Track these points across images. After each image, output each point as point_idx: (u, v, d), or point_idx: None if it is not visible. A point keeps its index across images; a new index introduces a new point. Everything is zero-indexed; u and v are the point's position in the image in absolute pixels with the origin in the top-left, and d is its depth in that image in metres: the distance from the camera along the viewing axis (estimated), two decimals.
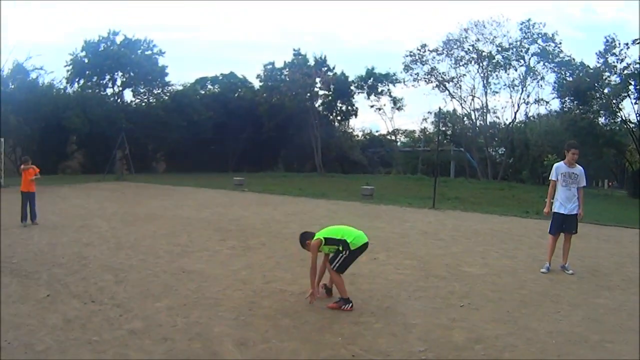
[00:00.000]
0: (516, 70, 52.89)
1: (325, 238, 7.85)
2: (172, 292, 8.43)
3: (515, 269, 10.74)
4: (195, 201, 23.73)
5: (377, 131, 70.49)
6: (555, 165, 10.99)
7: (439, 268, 10.56)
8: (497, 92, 55.17)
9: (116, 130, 43.16)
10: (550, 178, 11.00)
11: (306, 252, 7.96)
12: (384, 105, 61.99)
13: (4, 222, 15.72)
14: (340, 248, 7.78)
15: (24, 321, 6.82)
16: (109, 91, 54.26)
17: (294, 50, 57.15)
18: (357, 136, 69.47)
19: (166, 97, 55.83)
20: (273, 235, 14.45)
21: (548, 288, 9.22)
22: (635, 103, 43.52)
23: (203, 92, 61.36)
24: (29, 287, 8.48)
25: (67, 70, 51.69)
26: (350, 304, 7.57)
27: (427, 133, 67.94)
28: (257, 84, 60.18)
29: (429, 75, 56.70)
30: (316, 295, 7.93)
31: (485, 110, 55.87)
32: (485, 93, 54.68)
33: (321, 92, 58.57)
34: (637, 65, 41.50)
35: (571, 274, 10.34)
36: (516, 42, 51.55)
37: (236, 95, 61.29)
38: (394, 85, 60.16)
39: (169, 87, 56.69)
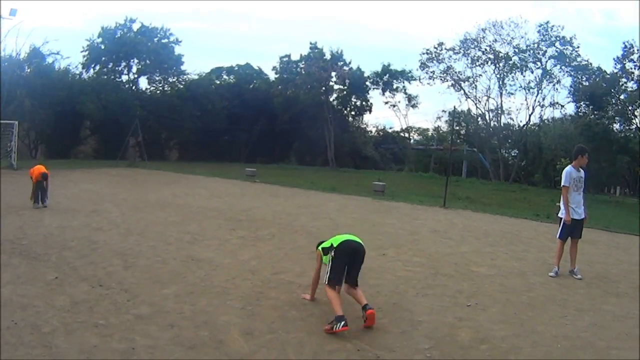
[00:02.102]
0: (532, 72, 52.82)
1: (322, 248, 7.46)
2: (180, 279, 8.46)
3: (523, 271, 10.69)
4: (206, 190, 23.78)
5: (390, 128, 70.46)
6: (567, 170, 10.78)
7: (447, 267, 10.54)
8: (512, 94, 55.07)
9: (130, 117, 43.34)
10: (563, 184, 10.78)
11: (314, 246, 7.92)
12: (399, 102, 61.98)
13: (16, 204, 15.90)
14: (328, 257, 7.21)
15: (32, 302, 6.87)
16: (124, 78, 54.41)
17: (311, 43, 57.09)
18: (371, 132, 69.52)
19: (181, 86, 55.92)
20: (283, 227, 14.45)
21: (556, 292, 9.16)
22: None
23: (218, 82, 61.56)
24: (37, 269, 8.54)
25: (84, 56, 51.86)
26: (343, 322, 6.37)
27: (441, 132, 67.98)
28: (272, 75, 60.47)
29: (445, 74, 56.71)
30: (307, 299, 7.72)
31: (499, 112, 55.83)
32: (501, 94, 54.64)
33: (336, 87, 58.68)
34: None
35: (579, 279, 10.27)
36: (533, 44, 51.47)
37: (251, 86, 61.53)
38: (410, 83, 60.13)
39: (184, 76, 56.81)
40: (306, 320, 6.81)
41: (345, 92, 59.87)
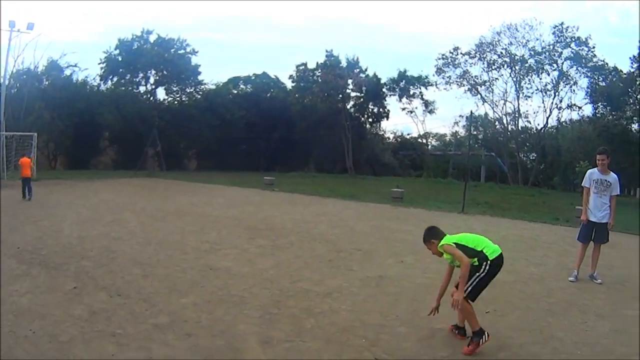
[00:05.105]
0: (549, 74, 52.58)
1: (456, 244, 6.68)
2: (198, 288, 8.47)
3: (543, 277, 10.61)
4: (225, 199, 23.82)
5: (408, 134, 70.35)
6: (589, 171, 10.87)
7: None
8: (529, 97, 54.76)
9: (148, 127, 43.81)
10: (582, 185, 10.93)
11: (336, 254, 7.84)
12: (416, 108, 61.99)
13: (34, 214, 16.10)
14: (477, 262, 6.53)
15: (50, 311, 6.92)
16: (142, 89, 54.80)
17: (327, 51, 57.22)
18: (388, 138, 69.37)
19: (199, 96, 56.37)
20: (302, 236, 14.41)
21: (576, 297, 9.10)
22: None
23: (235, 92, 61.80)
24: (56, 279, 8.61)
25: (101, 68, 52.58)
26: (485, 335, 6.26)
27: (459, 137, 67.98)
28: (289, 84, 60.57)
29: (461, 79, 56.64)
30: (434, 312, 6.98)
31: (517, 115, 55.63)
32: (518, 97, 54.48)
33: (353, 94, 58.55)
34: None
35: (600, 283, 10.19)
36: (549, 45, 51.25)
37: (268, 95, 61.83)
38: (426, 88, 60.10)
39: (202, 86, 57.17)
40: (324, 329, 6.76)
41: (362, 99, 59.65)
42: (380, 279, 9.18)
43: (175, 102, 56.51)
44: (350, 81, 55.76)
